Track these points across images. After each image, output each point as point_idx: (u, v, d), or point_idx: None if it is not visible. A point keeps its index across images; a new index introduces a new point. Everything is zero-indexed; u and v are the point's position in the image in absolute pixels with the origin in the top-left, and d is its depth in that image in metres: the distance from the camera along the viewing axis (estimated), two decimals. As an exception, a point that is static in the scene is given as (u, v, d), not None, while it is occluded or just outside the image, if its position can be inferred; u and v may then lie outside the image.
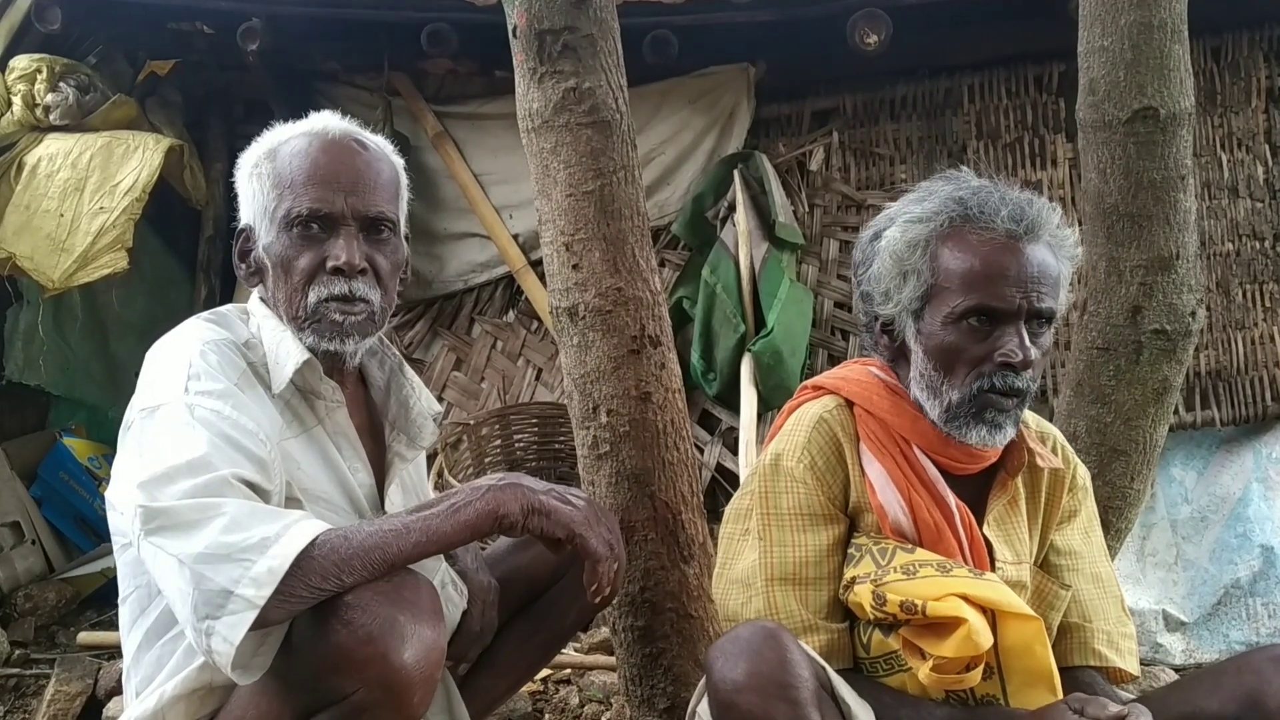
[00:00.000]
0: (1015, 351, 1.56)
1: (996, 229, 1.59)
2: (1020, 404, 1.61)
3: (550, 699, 2.90)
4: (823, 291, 3.82)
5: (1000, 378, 1.58)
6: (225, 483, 1.40)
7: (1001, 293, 1.57)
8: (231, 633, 1.33)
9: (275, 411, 1.59)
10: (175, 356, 1.55)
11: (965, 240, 1.61)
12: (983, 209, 1.60)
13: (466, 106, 4.06)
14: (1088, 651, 1.72)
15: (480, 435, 3.63)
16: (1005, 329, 1.58)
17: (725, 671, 1.44)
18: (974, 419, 1.60)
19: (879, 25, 3.35)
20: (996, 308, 1.58)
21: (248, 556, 1.33)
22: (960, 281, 1.60)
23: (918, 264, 1.63)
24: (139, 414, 1.49)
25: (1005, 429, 1.60)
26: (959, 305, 1.59)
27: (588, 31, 2.20)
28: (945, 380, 1.62)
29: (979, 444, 1.61)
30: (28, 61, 3.80)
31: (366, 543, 1.41)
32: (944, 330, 1.61)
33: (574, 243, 2.23)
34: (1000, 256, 1.58)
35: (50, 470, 3.97)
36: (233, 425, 1.46)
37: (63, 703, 2.87)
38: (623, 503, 2.25)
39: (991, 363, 1.58)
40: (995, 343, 1.58)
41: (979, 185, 1.65)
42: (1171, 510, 3.47)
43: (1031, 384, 1.60)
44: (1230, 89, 3.63)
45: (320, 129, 1.68)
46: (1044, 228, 1.61)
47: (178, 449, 1.41)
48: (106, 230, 3.58)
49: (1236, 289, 3.57)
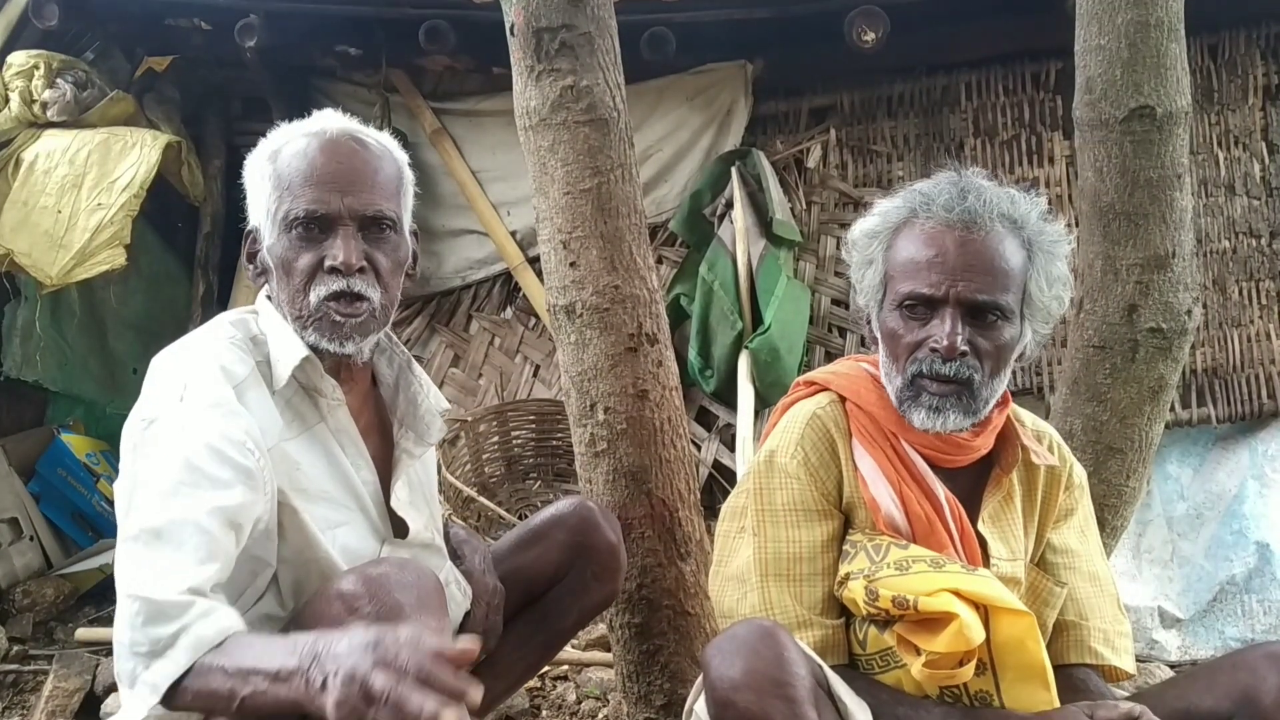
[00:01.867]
0: (941, 338, 1.58)
1: (938, 217, 1.62)
2: (964, 391, 1.60)
3: (548, 695, 2.90)
4: (820, 289, 3.83)
5: (929, 363, 1.60)
6: (193, 530, 1.41)
7: (931, 279, 1.60)
8: (140, 705, 1.37)
9: (277, 412, 1.61)
10: (178, 363, 1.58)
11: (913, 230, 1.65)
12: (933, 199, 1.63)
13: (464, 103, 4.06)
14: (1084, 649, 1.72)
15: (478, 432, 3.64)
16: (939, 316, 1.60)
17: (722, 670, 1.45)
18: (913, 401, 1.62)
19: (876, 22, 3.36)
20: (924, 294, 1.60)
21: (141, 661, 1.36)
22: (901, 269, 1.64)
23: (875, 254, 1.68)
24: (139, 424, 1.51)
25: (947, 414, 1.60)
26: (899, 292, 1.63)
27: (585, 29, 2.20)
28: (893, 365, 1.65)
29: (922, 427, 1.63)
30: (25, 58, 3.79)
31: (213, 688, 1.35)
32: (890, 316, 1.65)
33: (571, 240, 2.23)
34: (935, 244, 1.61)
35: (48, 466, 3.97)
36: (220, 436, 1.48)
37: (61, 699, 2.87)
38: (620, 500, 2.26)
39: (925, 348, 1.60)
40: (930, 329, 1.60)
41: (950, 178, 1.67)
42: (1167, 507, 3.48)
43: (974, 373, 1.60)
44: (1227, 87, 3.63)
45: (320, 128, 1.68)
46: (989, 217, 1.60)
47: (149, 497, 1.44)
48: (104, 227, 3.57)
49: (1233, 286, 3.57)
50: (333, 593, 1.45)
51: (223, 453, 1.47)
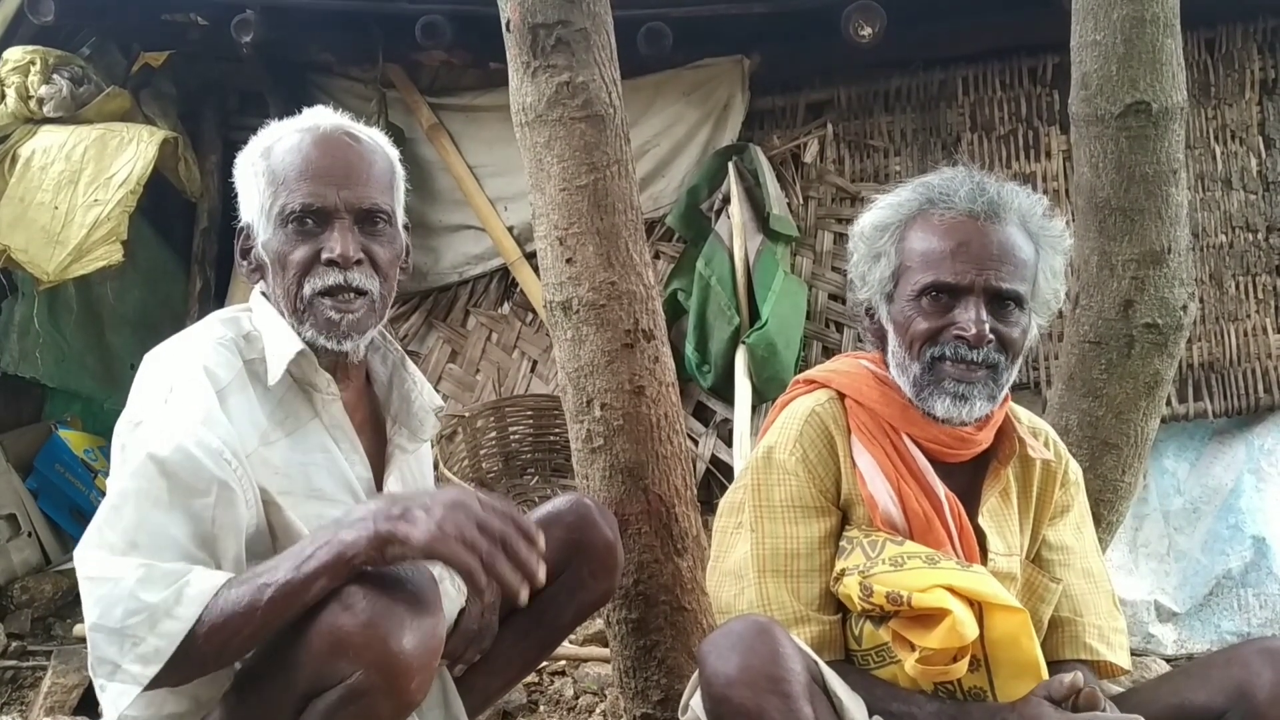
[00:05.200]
0: (969, 325, 1.59)
1: (957, 208, 1.64)
2: (990, 378, 1.62)
3: (545, 690, 2.91)
4: (817, 283, 3.82)
5: (953, 348, 1.61)
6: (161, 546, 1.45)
7: (956, 268, 1.61)
8: (119, 699, 1.41)
9: (263, 414, 1.62)
10: (163, 366, 1.59)
11: (929, 221, 1.66)
12: (945, 191, 1.65)
13: (461, 98, 4.06)
14: (1078, 645, 1.73)
15: (475, 427, 3.64)
16: (962, 304, 1.61)
17: (718, 666, 1.46)
18: (936, 388, 1.63)
19: (873, 17, 3.35)
20: (951, 283, 1.61)
21: (136, 633, 1.39)
22: (920, 259, 1.64)
23: (885, 247, 1.69)
24: (126, 426, 1.53)
25: (973, 401, 1.62)
26: (919, 282, 1.64)
27: (581, 25, 2.20)
28: (907, 354, 1.65)
29: (945, 416, 1.63)
30: (21, 53, 3.78)
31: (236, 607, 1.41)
32: (907, 307, 1.65)
33: (567, 237, 2.23)
34: (958, 234, 1.62)
35: (46, 462, 3.97)
36: (198, 444, 1.49)
37: (59, 695, 2.87)
38: (616, 496, 2.26)
39: (947, 335, 1.61)
40: (953, 317, 1.61)
41: (952, 172, 1.69)
42: (1164, 501, 3.49)
43: (1000, 358, 1.62)
44: (1224, 81, 3.63)
45: (312, 124, 1.70)
46: (1008, 209, 1.64)
47: (121, 504, 1.47)
48: (101, 223, 3.57)
49: (1229, 281, 3.57)
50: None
51: (199, 462, 1.49)
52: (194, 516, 1.47)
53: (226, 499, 1.50)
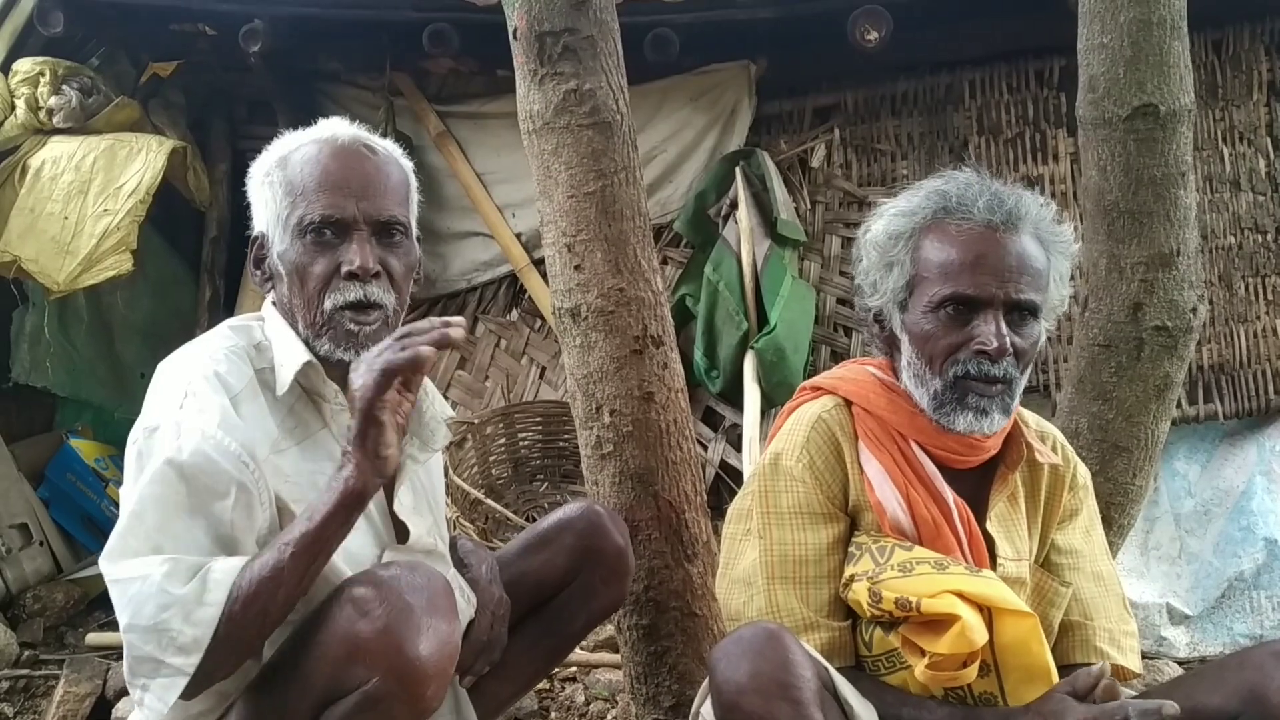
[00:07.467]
0: (990, 339, 1.58)
1: (975, 219, 1.62)
2: (1007, 392, 1.62)
3: (556, 697, 2.91)
4: (825, 288, 3.82)
5: (976, 364, 1.60)
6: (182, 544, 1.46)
7: (977, 281, 1.59)
8: (167, 693, 1.42)
9: (274, 423, 1.62)
10: (177, 372, 1.60)
11: (945, 231, 1.64)
12: (962, 200, 1.64)
13: (468, 106, 4.07)
14: (1089, 649, 1.72)
15: (485, 434, 3.64)
16: (982, 317, 1.60)
17: (728, 673, 1.45)
18: (958, 405, 1.62)
19: (879, 21, 3.36)
20: (972, 296, 1.60)
21: (170, 625, 1.40)
22: (938, 271, 1.63)
23: (900, 255, 1.67)
24: (141, 433, 1.53)
25: (992, 415, 1.61)
26: (937, 294, 1.62)
27: (588, 33, 2.20)
28: (927, 368, 1.64)
29: (967, 430, 1.62)
30: (31, 65, 3.80)
31: (262, 572, 1.44)
32: (924, 319, 1.64)
33: (576, 244, 2.24)
34: (977, 246, 1.61)
35: (57, 471, 3.98)
36: (215, 447, 1.49)
37: (72, 703, 2.88)
38: (626, 502, 2.27)
39: (968, 350, 1.60)
40: (972, 331, 1.60)
41: (965, 179, 1.68)
42: (1175, 504, 3.48)
43: (1015, 372, 1.61)
44: (1231, 82, 3.62)
45: (329, 135, 1.69)
46: (1025, 219, 1.62)
47: (142, 510, 1.47)
48: (111, 232, 3.59)
49: (1239, 282, 3.57)
50: (344, 596, 1.47)
51: (216, 464, 1.49)
52: (214, 519, 1.48)
53: (245, 501, 1.51)
